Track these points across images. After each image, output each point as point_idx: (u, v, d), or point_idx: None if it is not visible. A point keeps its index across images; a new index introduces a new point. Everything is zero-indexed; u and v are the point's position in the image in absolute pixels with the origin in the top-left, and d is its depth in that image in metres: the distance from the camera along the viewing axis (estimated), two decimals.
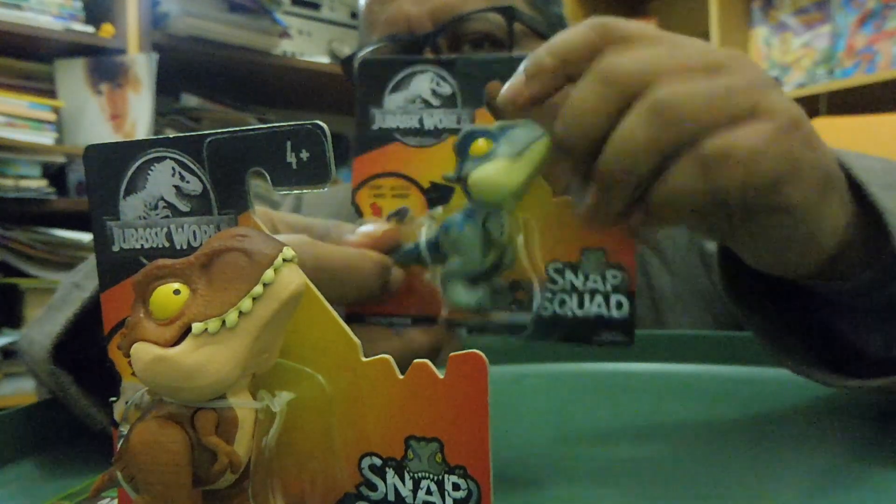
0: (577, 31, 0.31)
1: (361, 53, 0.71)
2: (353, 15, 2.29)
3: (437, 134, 0.33)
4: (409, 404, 0.20)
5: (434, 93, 0.33)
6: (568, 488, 0.30)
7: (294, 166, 0.20)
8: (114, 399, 0.23)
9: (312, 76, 2.16)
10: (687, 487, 0.30)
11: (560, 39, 0.31)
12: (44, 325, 0.40)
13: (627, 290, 0.32)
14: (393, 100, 0.33)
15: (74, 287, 0.41)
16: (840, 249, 0.34)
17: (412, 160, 0.34)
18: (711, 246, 0.69)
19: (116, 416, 0.23)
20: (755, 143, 0.29)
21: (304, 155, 0.20)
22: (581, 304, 0.32)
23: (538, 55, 0.31)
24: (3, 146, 1.60)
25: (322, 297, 0.21)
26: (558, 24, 0.74)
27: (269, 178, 0.20)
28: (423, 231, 0.32)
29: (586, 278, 0.32)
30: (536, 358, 0.55)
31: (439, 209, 0.33)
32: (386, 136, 0.34)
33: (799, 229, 0.32)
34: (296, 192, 0.20)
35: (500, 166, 0.29)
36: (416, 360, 0.20)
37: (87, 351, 0.39)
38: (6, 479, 0.36)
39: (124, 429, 0.21)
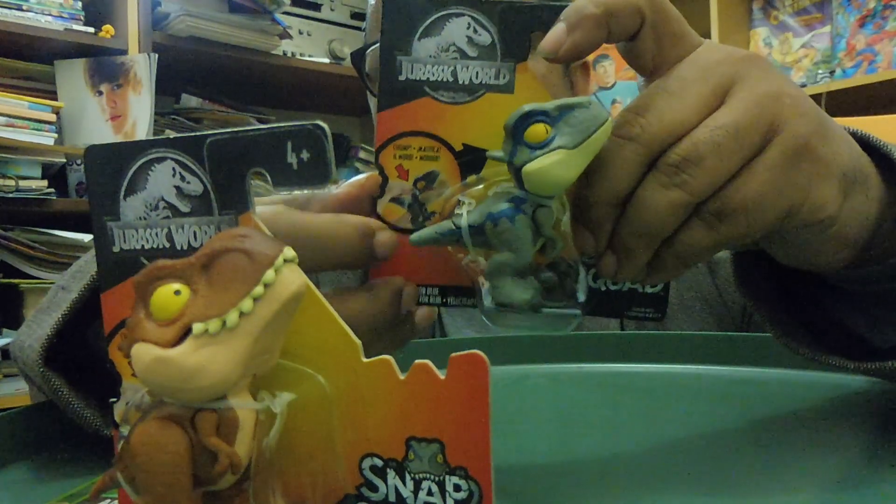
0: None
1: (371, 48, 0.71)
2: (354, 15, 2.29)
3: (474, 90, 0.30)
4: (409, 405, 0.20)
5: (470, 41, 0.29)
6: (569, 489, 0.30)
7: (294, 166, 0.20)
8: (114, 400, 0.23)
9: (312, 76, 2.16)
10: (689, 488, 0.30)
11: None
12: (33, 328, 0.40)
13: None
14: (423, 46, 0.30)
15: (60, 289, 0.41)
16: (873, 236, 0.33)
17: (443, 118, 0.30)
18: None
19: (117, 416, 0.23)
20: (754, 195, 0.29)
21: (305, 155, 0.20)
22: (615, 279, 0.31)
23: (581, 3, 0.29)
24: (3, 146, 1.60)
25: (322, 298, 0.21)
26: None
27: (269, 178, 0.20)
28: (464, 213, 0.29)
29: None
30: (537, 358, 0.55)
31: (476, 185, 0.30)
32: (415, 89, 0.30)
33: (825, 233, 0.31)
34: (296, 192, 0.20)
35: (560, 159, 0.27)
36: (416, 361, 0.20)
37: (77, 352, 0.39)
38: (4, 482, 0.36)
39: (125, 430, 0.21)
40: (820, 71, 2.03)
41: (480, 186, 0.30)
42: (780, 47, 2.09)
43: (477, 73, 0.30)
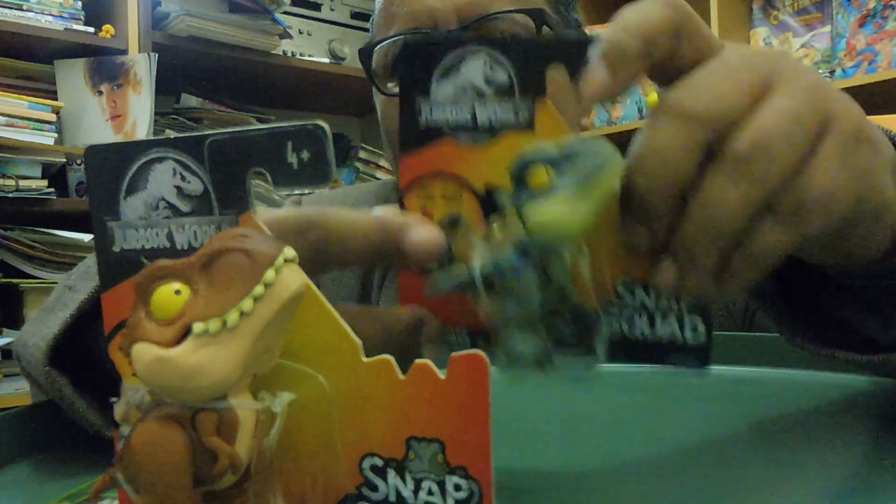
0: (650, 8, 0.28)
1: (379, 46, 0.71)
2: (354, 15, 2.29)
3: (493, 131, 0.29)
4: (410, 405, 0.20)
5: (487, 80, 0.29)
6: (571, 489, 0.30)
7: (295, 166, 0.20)
8: (114, 400, 0.23)
9: (312, 76, 2.16)
10: (691, 488, 0.30)
11: (636, 17, 0.28)
12: (38, 327, 0.40)
13: (703, 311, 0.28)
14: (442, 88, 0.29)
15: (67, 289, 0.41)
16: None
17: (465, 160, 0.30)
18: None
19: (117, 416, 0.23)
20: (829, 184, 0.27)
21: (305, 155, 0.20)
22: (651, 324, 0.29)
23: (618, 38, 0.27)
24: (3, 146, 1.60)
25: (323, 297, 0.21)
26: (576, 28, 0.74)
27: (269, 178, 0.20)
28: (477, 259, 0.27)
29: (658, 297, 0.28)
30: None
31: (495, 228, 0.29)
32: (435, 132, 0.30)
33: (880, 221, 0.30)
34: (296, 192, 0.20)
35: (564, 205, 0.25)
36: (417, 361, 0.20)
37: (82, 353, 0.39)
38: (3, 482, 0.36)
39: (125, 430, 0.21)
40: (820, 71, 2.03)
41: (496, 227, 0.29)
42: (780, 47, 2.09)
43: (495, 112, 0.29)
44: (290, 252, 0.19)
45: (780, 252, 0.27)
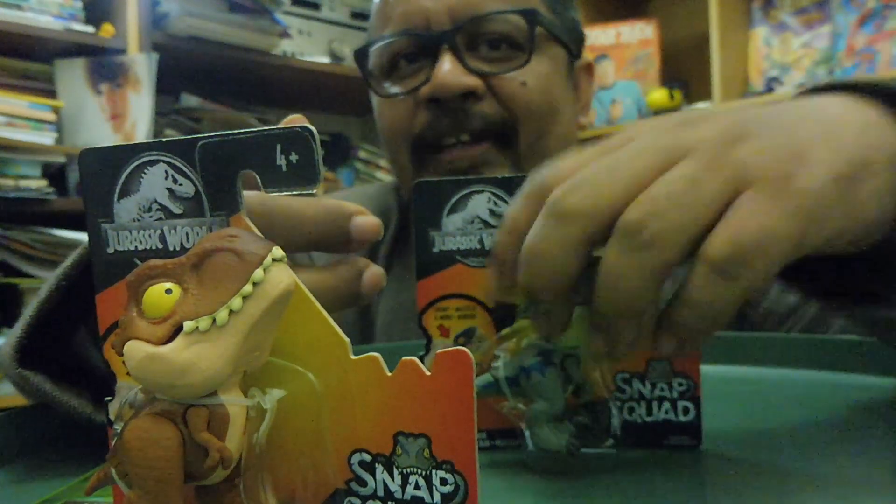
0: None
1: (374, 47, 0.71)
2: (354, 15, 2.30)
3: None
4: (397, 401, 0.20)
5: (492, 212, 0.33)
6: (555, 483, 0.30)
7: (284, 168, 0.20)
8: (108, 399, 0.23)
9: (312, 76, 2.16)
10: (688, 486, 0.30)
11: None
12: (11, 332, 0.40)
13: (693, 395, 0.32)
14: (451, 221, 0.34)
15: (35, 295, 0.41)
16: None
17: (475, 281, 0.34)
18: None
19: (111, 415, 0.23)
20: (755, 234, 0.26)
21: (294, 157, 0.20)
22: (650, 412, 0.33)
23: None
24: (3, 146, 1.60)
25: (311, 296, 0.21)
26: (574, 28, 0.74)
27: (259, 179, 0.21)
28: (501, 367, 0.32)
29: (653, 387, 0.33)
30: None
31: (510, 338, 0.33)
32: (447, 259, 0.34)
33: (871, 228, 0.30)
34: (285, 193, 0.21)
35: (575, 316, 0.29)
36: (404, 358, 0.21)
37: (61, 359, 0.39)
38: (3, 481, 0.36)
39: (119, 427, 0.21)
40: (820, 70, 2.03)
41: (513, 340, 0.33)
42: (779, 47, 2.09)
43: None
44: (278, 252, 0.19)
45: (728, 304, 0.27)
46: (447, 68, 0.65)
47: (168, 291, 0.19)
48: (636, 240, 0.26)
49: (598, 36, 2.27)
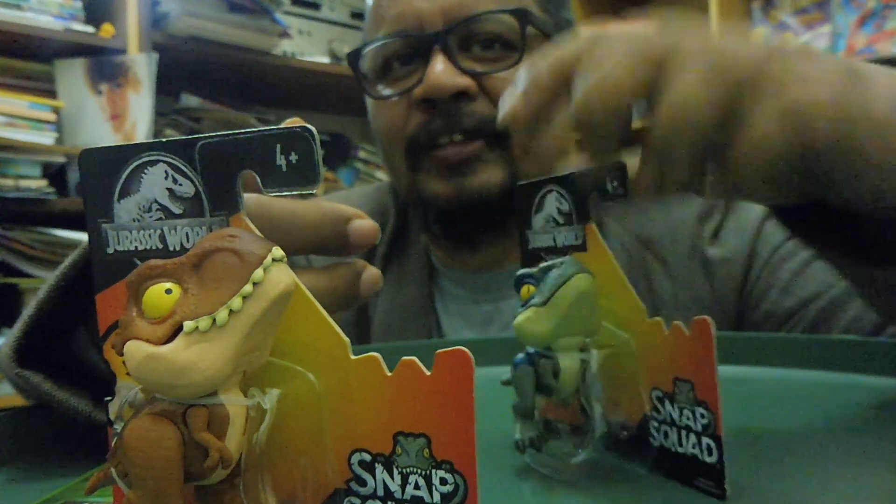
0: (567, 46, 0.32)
1: (367, 49, 0.72)
2: (353, 15, 2.30)
3: (563, 251, 0.34)
4: (397, 400, 0.20)
5: (559, 211, 0.34)
6: (555, 483, 0.31)
7: (284, 168, 0.20)
8: (108, 399, 0.23)
9: (312, 76, 2.16)
10: (684, 487, 0.30)
11: (554, 53, 0.32)
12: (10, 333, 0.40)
13: (714, 433, 0.29)
14: (537, 221, 0.35)
15: (34, 295, 0.41)
16: None
17: None
18: (713, 252, 0.69)
19: (112, 415, 0.23)
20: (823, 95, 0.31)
21: (294, 158, 0.20)
22: (680, 442, 0.30)
23: (536, 70, 0.32)
24: (3, 146, 1.60)
25: (311, 297, 0.21)
26: (567, 27, 0.74)
27: (259, 180, 0.21)
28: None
29: (681, 412, 0.30)
30: None
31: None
32: (536, 257, 0.35)
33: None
34: (285, 193, 0.21)
35: (529, 315, 0.30)
36: (404, 358, 0.21)
37: (61, 360, 0.39)
38: (3, 481, 0.36)
39: (119, 427, 0.21)
40: None
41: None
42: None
43: (565, 237, 0.34)
44: (278, 252, 0.19)
45: (776, 145, 0.31)
46: (440, 69, 0.65)
47: (168, 291, 0.19)
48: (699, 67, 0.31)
49: None
